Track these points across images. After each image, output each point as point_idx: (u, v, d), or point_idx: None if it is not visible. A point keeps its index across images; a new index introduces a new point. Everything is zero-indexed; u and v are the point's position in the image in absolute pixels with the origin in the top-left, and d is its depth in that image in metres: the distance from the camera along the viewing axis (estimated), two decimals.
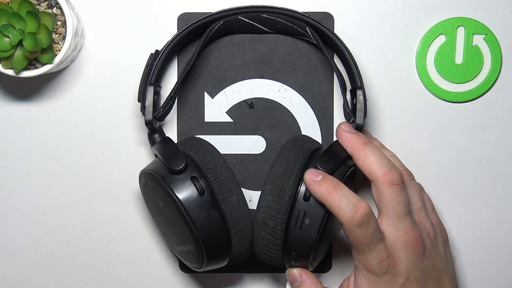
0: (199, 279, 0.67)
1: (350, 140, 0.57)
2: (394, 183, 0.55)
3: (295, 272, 0.58)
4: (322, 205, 0.56)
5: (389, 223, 0.55)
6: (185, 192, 0.56)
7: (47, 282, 0.67)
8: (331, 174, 0.57)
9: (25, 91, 0.65)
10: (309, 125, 0.65)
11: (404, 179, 0.56)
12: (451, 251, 0.61)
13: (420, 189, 0.61)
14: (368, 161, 0.56)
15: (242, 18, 0.63)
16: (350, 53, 0.61)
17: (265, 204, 0.57)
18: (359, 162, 0.56)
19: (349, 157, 0.58)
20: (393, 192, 0.55)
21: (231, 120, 0.65)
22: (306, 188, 0.56)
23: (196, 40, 0.64)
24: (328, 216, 0.56)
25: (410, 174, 0.61)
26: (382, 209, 0.56)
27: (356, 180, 0.63)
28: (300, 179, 0.57)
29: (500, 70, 0.65)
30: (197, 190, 0.56)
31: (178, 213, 0.57)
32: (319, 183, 0.55)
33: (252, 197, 0.65)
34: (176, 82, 0.62)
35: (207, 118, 0.65)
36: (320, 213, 0.56)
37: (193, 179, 0.57)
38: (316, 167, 0.57)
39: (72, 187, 0.66)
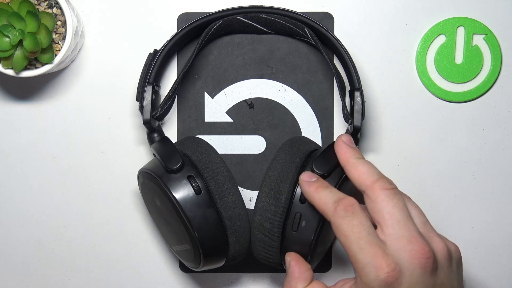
0: (199, 279, 0.67)
1: (344, 152, 0.55)
2: (386, 188, 0.51)
3: (288, 260, 0.56)
4: None
5: (389, 230, 0.50)
6: (181, 191, 0.56)
7: (47, 282, 0.67)
8: (327, 176, 0.56)
9: (25, 91, 0.65)
10: (309, 125, 0.65)
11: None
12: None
13: (419, 207, 0.55)
14: (358, 171, 0.53)
15: (241, 18, 0.63)
16: (348, 54, 0.61)
17: (261, 207, 0.57)
18: (350, 173, 0.54)
19: None
20: (386, 196, 0.51)
21: (231, 120, 0.65)
22: None
23: (195, 39, 0.64)
24: (324, 219, 0.56)
25: (405, 195, 0.56)
26: (378, 218, 0.51)
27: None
28: (296, 182, 0.57)
29: (500, 70, 0.65)
30: (194, 189, 0.56)
31: (174, 212, 0.57)
32: (309, 183, 0.55)
33: (252, 197, 0.65)
34: (175, 82, 0.62)
35: (207, 118, 0.65)
36: (317, 216, 0.56)
37: (190, 178, 0.57)
38: (312, 170, 0.57)
39: (72, 187, 0.66)
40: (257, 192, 0.65)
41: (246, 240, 0.59)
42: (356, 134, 0.59)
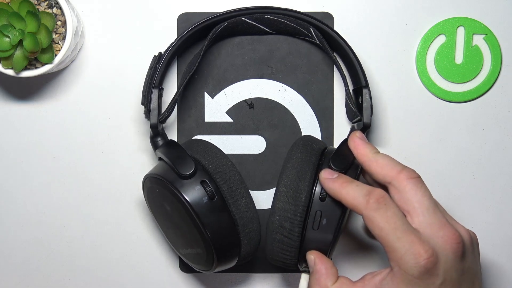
0: (199, 279, 0.67)
1: (362, 148, 0.56)
2: (412, 177, 0.53)
3: (312, 258, 0.56)
4: (338, 204, 0.55)
5: (420, 219, 0.51)
6: (195, 197, 0.56)
7: (47, 282, 0.67)
8: (345, 172, 0.57)
9: (25, 91, 0.65)
10: (309, 125, 0.65)
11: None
12: None
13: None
14: (380, 165, 0.54)
15: (246, 20, 0.63)
16: (354, 53, 0.61)
17: (280, 207, 0.56)
18: (371, 168, 0.55)
19: None
20: (414, 185, 0.52)
21: (231, 120, 0.65)
22: (322, 189, 0.56)
23: (197, 42, 0.64)
24: (344, 214, 0.56)
25: None
26: (408, 208, 0.52)
27: None
28: (315, 180, 0.57)
29: (500, 70, 0.65)
30: (207, 195, 0.56)
31: (188, 218, 0.56)
32: (333, 180, 0.55)
33: (252, 197, 0.65)
34: (181, 85, 0.61)
35: (207, 118, 0.65)
36: (337, 212, 0.56)
37: (203, 183, 0.56)
38: (329, 167, 0.57)
39: (72, 187, 0.66)
40: (258, 192, 0.65)
41: (257, 242, 0.59)
42: (365, 131, 0.60)
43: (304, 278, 0.59)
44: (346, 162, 0.57)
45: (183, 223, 0.57)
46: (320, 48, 0.65)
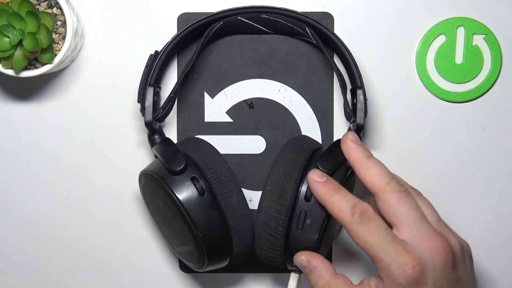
0: (199, 279, 0.67)
1: (354, 151, 0.55)
2: (398, 191, 0.53)
3: (303, 258, 0.56)
4: (322, 206, 0.55)
5: (406, 231, 0.51)
6: (185, 193, 0.56)
7: (47, 282, 0.67)
8: (332, 174, 0.56)
9: (25, 91, 0.65)
10: (309, 125, 0.65)
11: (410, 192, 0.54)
12: None
13: (431, 204, 0.57)
14: (369, 173, 0.54)
15: (242, 19, 0.63)
16: (350, 53, 0.61)
17: (266, 205, 0.57)
18: (361, 174, 0.54)
19: None
20: (399, 198, 0.52)
21: (231, 120, 0.65)
22: (307, 189, 0.56)
23: (196, 40, 0.64)
24: (329, 216, 0.56)
25: (417, 190, 0.58)
26: (394, 220, 0.52)
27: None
28: (301, 180, 0.57)
29: (500, 70, 0.65)
30: (197, 191, 0.56)
31: (178, 214, 0.57)
32: (322, 184, 0.55)
33: (252, 197, 0.65)
34: (176, 83, 0.62)
35: (207, 118, 0.65)
36: (322, 213, 0.56)
37: (193, 180, 0.57)
38: (316, 167, 0.57)
39: (72, 187, 0.66)
40: (258, 192, 0.65)
41: (250, 240, 0.59)
42: (359, 132, 0.60)
43: (293, 278, 0.59)
44: (334, 163, 0.57)
45: (175, 220, 0.58)
46: (319, 48, 0.65)
